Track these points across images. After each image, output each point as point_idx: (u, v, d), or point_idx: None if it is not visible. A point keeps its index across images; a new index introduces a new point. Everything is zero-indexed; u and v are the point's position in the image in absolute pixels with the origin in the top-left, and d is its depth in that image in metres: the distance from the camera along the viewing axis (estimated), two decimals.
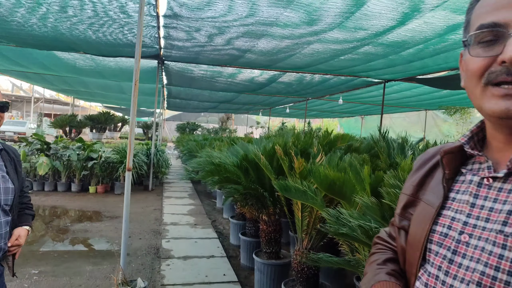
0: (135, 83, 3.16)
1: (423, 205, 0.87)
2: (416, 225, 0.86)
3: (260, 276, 3.59)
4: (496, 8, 0.70)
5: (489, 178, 0.75)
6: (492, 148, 0.79)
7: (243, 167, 3.43)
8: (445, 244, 0.77)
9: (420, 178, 0.91)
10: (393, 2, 3.97)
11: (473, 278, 0.69)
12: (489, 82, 0.70)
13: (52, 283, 3.60)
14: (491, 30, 0.69)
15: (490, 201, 0.73)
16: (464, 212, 0.76)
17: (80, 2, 4.33)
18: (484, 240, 0.70)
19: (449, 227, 0.77)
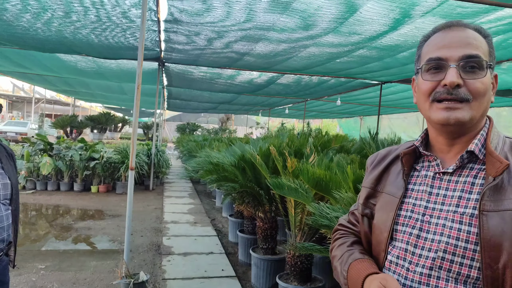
0: (138, 87, 3.33)
1: (385, 196, 1.08)
2: (382, 212, 1.07)
3: (256, 271, 3.76)
4: (439, 48, 0.96)
5: (441, 173, 0.99)
6: (436, 149, 1.05)
7: (240, 166, 3.60)
8: (410, 224, 0.99)
9: (378, 174, 1.14)
10: (384, 8, 4.15)
11: (439, 247, 0.90)
12: (435, 99, 0.96)
13: (59, 276, 3.78)
14: (437, 62, 0.96)
15: (443, 190, 0.97)
16: (423, 199, 0.99)
17: (84, 8, 4.50)
18: (443, 219, 0.93)
19: (412, 211, 1.00)
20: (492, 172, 0.89)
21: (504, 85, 7.71)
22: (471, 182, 0.94)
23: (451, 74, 0.92)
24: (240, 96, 13.24)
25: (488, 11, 4.13)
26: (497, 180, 0.87)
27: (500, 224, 0.84)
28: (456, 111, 0.92)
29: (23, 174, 7.79)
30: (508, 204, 0.85)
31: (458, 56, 0.93)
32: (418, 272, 0.93)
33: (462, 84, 0.92)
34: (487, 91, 0.94)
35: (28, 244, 4.73)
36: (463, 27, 0.98)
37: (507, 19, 4.30)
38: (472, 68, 0.92)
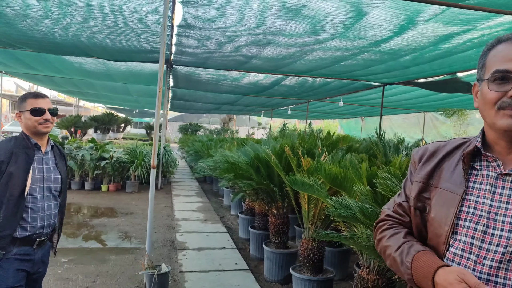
0: (159, 90, 3.54)
1: (442, 192, 1.17)
2: (441, 206, 1.15)
3: (269, 264, 3.98)
4: (507, 60, 1.05)
5: (503, 174, 1.08)
6: (495, 151, 1.14)
7: (254, 165, 3.82)
8: (474, 220, 1.07)
9: (430, 170, 1.23)
10: (390, 15, 4.36)
11: (509, 243, 0.99)
12: (501, 107, 1.05)
13: (82, 269, 3.99)
14: (504, 74, 1.05)
15: (507, 190, 1.06)
16: (487, 197, 1.07)
17: (103, 14, 4.72)
18: (510, 217, 1.02)
19: (475, 208, 1.09)
20: None
21: None
22: None
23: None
24: (244, 97, 13.44)
25: (488, 18, 4.34)
26: None
27: None
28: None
29: None
30: None
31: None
32: (487, 265, 1.02)
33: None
34: None
35: None
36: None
37: (506, 25, 4.51)
38: None
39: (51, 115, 2.21)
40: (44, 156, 2.22)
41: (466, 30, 4.74)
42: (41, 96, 2.22)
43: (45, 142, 2.24)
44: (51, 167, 2.24)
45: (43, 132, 2.18)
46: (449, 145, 1.26)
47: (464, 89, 8.21)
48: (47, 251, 2.31)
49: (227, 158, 4.01)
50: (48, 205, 2.18)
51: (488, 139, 1.16)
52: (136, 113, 30.25)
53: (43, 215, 2.14)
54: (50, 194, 2.20)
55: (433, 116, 16.06)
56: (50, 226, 2.22)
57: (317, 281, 3.20)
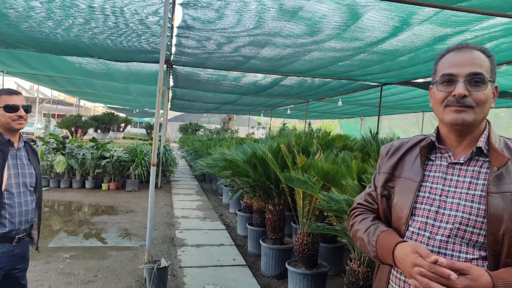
0: (159, 90, 3.65)
1: (403, 180, 1.35)
2: (402, 193, 1.33)
3: (266, 259, 4.08)
4: (451, 66, 1.24)
5: (453, 163, 1.27)
6: (447, 144, 1.33)
7: (252, 163, 3.92)
8: (428, 202, 1.26)
9: (395, 162, 1.42)
10: (385, 17, 4.46)
11: (456, 220, 1.18)
12: (447, 105, 1.24)
13: (84, 265, 4.10)
14: (449, 77, 1.23)
15: (456, 176, 1.25)
16: (439, 183, 1.26)
17: (105, 16, 4.82)
18: (458, 199, 1.21)
19: (429, 193, 1.27)
20: (496, 163, 1.18)
21: (500, 87, 8.02)
22: (478, 171, 1.22)
23: (459, 87, 1.19)
24: (243, 97, 13.54)
25: (481, 20, 4.44)
26: (501, 170, 1.17)
27: (501, 202, 1.14)
28: (463, 113, 1.20)
29: None
30: (507, 188, 1.16)
31: (465, 73, 1.20)
32: (438, 240, 1.20)
33: (468, 95, 1.19)
34: (487, 100, 1.21)
35: (49, 236, 5.05)
36: (471, 49, 1.25)
37: (498, 27, 4.61)
38: (476, 82, 1.19)
39: (25, 112, 2.23)
40: (18, 152, 2.25)
41: (459, 32, 4.84)
42: (15, 93, 2.23)
43: (17, 138, 2.27)
44: (25, 163, 2.28)
45: (17, 129, 2.19)
46: (411, 141, 1.45)
47: None
48: (26, 247, 2.36)
49: (225, 156, 4.11)
50: (25, 201, 2.22)
51: (442, 134, 1.34)
52: (137, 113, 30.36)
53: (21, 210, 2.18)
54: (26, 190, 2.24)
55: (432, 116, 16.15)
56: (28, 222, 2.26)
57: (311, 275, 3.31)
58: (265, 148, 3.72)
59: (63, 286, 3.57)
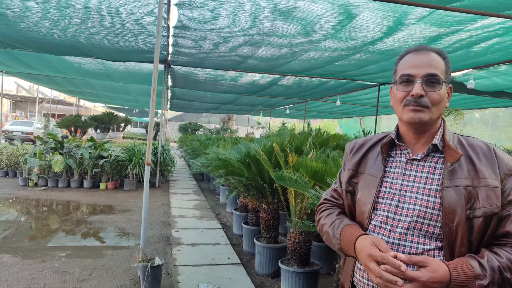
0: (154, 90, 3.67)
1: (366, 176, 1.42)
2: (365, 189, 1.40)
3: (260, 258, 4.11)
4: (410, 67, 1.31)
5: (412, 159, 1.35)
6: (406, 141, 1.41)
7: (245, 162, 3.95)
8: (389, 197, 1.33)
9: (359, 159, 1.48)
10: (379, 17, 4.49)
11: (414, 213, 1.26)
12: (405, 104, 1.31)
13: (79, 263, 4.13)
14: (407, 78, 1.31)
15: (414, 171, 1.33)
16: (399, 178, 1.34)
17: (101, 16, 4.85)
18: (415, 193, 1.28)
19: (390, 188, 1.34)
20: (450, 159, 1.26)
21: (496, 87, 8.05)
22: (434, 166, 1.30)
23: (417, 87, 1.26)
24: (242, 96, 13.58)
25: (474, 20, 4.46)
26: (454, 165, 1.25)
27: (454, 196, 1.22)
28: (420, 112, 1.27)
29: (36, 171, 8.15)
30: (459, 182, 1.24)
31: (422, 74, 1.27)
32: (398, 232, 1.27)
33: (424, 95, 1.26)
34: (442, 100, 1.29)
35: (46, 235, 5.08)
36: (428, 51, 1.32)
37: (492, 27, 4.63)
38: (432, 83, 1.27)
39: None
40: None
41: (454, 32, 4.87)
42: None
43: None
44: None
45: None
46: (374, 138, 1.52)
47: (456, 89, 8.34)
48: None
49: (219, 156, 4.14)
50: None
51: (401, 132, 1.42)
52: (136, 113, 30.43)
53: None
54: None
55: None
56: None
57: (304, 273, 3.33)
58: (258, 148, 3.75)
59: (58, 284, 3.60)
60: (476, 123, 23.84)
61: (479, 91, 8.44)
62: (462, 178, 1.24)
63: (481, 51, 5.63)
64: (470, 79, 7.00)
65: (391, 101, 1.42)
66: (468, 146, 1.32)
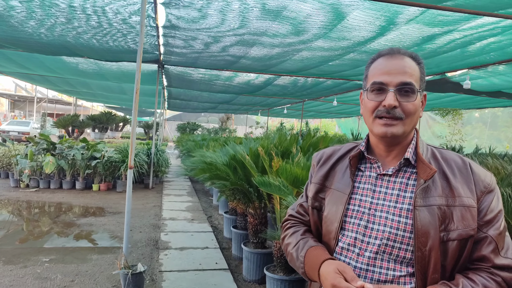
0: (136, 91, 3.57)
1: (334, 192, 1.29)
2: (332, 205, 1.27)
3: (247, 264, 4.01)
4: (382, 73, 1.18)
5: (382, 174, 1.22)
6: (376, 153, 1.28)
7: (232, 165, 3.85)
8: (358, 216, 1.20)
9: (326, 172, 1.35)
10: (370, 16, 4.39)
11: (384, 236, 1.13)
12: (377, 116, 1.18)
13: (62, 269, 4.03)
14: (379, 86, 1.17)
15: (384, 188, 1.20)
16: (369, 195, 1.21)
17: (86, 16, 4.75)
18: (386, 212, 1.16)
19: (359, 205, 1.21)
20: (423, 176, 1.13)
21: (493, 87, 7.94)
22: (405, 183, 1.17)
23: (389, 98, 1.13)
24: (239, 96, 13.48)
25: (468, 19, 4.36)
26: (427, 183, 1.12)
27: (427, 216, 1.09)
28: (392, 127, 1.15)
29: (27, 172, 8.05)
30: (432, 201, 1.11)
31: (396, 82, 1.14)
32: (367, 256, 1.15)
33: (398, 106, 1.13)
34: (416, 111, 1.17)
35: (32, 239, 4.99)
36: (402, 55, 1.19)
37: (486, 26, 4.53)
38: (406, 92, 1.14)
39: None
40: None
41: (447, 31, 4.77)
42: None
43: None
44: None
45: None
46: (343, 149, 1.38)
47: (453, 89, 8.25)
48: None
49: (204, 159, 4.04)
50: None
51: (371, 143, 1.29)
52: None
53: None
54: None
55: (429, 116, 16.07)
56: None
57: (289, 281, 3.23)
58: (243, 151, 3.64)
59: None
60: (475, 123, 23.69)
61: (477, 91, 8.34)
62: (436, 196, 1.12)
63: (477, 51, 5.53)
64: (466, 79, 6.87)
65: (361, 109, 1.29)
66: (443, 160, 1.20)
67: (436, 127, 15.65)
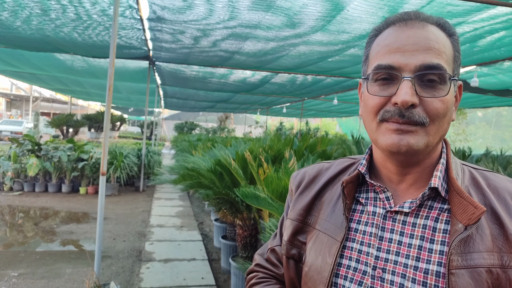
0: (109, 88, 3.17)
1: (320, 234, 0.84)
2: (316, 256, 0.83)
3: (236, 280, 3.60)
4: (392, 51, 0.73)
5: (393, 212, 0.76)
6: (383, 176, 0.81)
7: (217, 171, 3.44)
8: (356, 279, 0.76)
9: (308, 203, 0.90)
10: (372, 6, 3.98)
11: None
12: (384, 119, 0.74)
13: (30, 285, 3.63)
14: (387, 72, 0.73)
15: (397, 234, 0.75)
16: (373, 245, 0.76)
17: (62, 6, 4.34)
18: (401, 276, 0.71)
19: (358, 261, 0.78)
20: (463, 219, 0.69)
21: (501, 85, 7.53)
22: (432, 226, 0.73)
23: (404, 91, 0.70)
24: (236, 95, 13.10)
25: (480, 9, 3.97)
26: (470, 230, 0.68)
27: (470, 285, 0.66)
28: (409, 135, 0.71)
29: (10, 175, 7.65)
30: (478, 259, 0.67)
31: (415, 65, 0.70)
32: None
33: (417, 104, 0.70)
34: (448, 111, 0.73)
35: (2, 248, 4.59)
36: (423, 22, 0.74)
37: (500, 18, 4.13)
38: (432, 82, 0.71)
39: None
40: None
41: (456, 23, 4.36)
42: None
43: None
44: None
45: None
46: (333, 167, 0.92)
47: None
48: None
49: (186, 164, 3.63)
50: None
51: (376, 161, 0.84)
52: (132, 111, 29.92)
53: None
54: None
55: None
56: None
57: None
58: (228, 156, 3.23)
59: None
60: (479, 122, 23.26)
61: (483, 89, 7.93)
62: (484, 252, 0.68)
63: (487, 46, 5.13)
64: (474, 77, 6.47)
65: (360, 109, 0.84)
66: (490, 191, 0.75)
67: None
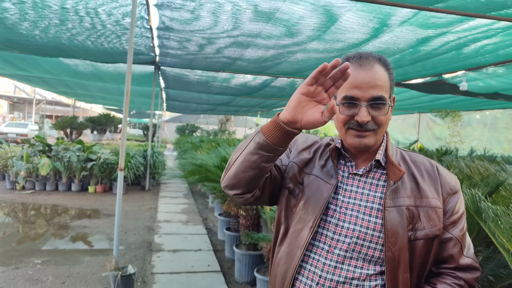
0: (127, 93, 3.57)
1: (315, 179, 1.24)
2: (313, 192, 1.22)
3: (239, 265, 3.99)
4: (352, 87, 1.14)
5: (353, 173, 1.23)
6: (349, 152, 1.27)
7: (222, 167, 3.83)
8: (329, 213, 1.20)
9: (308, 157, 1.32)
10: (363, 18, 4.38)
11: (354, 234, 1.15)
12: (349, 128, 1.17)
13: (54, 270, 4.02)
14: (350, 101, 1.15)
15: (355, 187, 1.21)
16: (340, 194, 1.21)
17: (79, 17, 4.74)
18: (356, 211, 1.17)
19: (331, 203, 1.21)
20: (393, 177, 1.16)
21: (490, 89, 7.92)
22: (376, 183, 1.19)
23: (362, 114, 1.11)
24: (237, 98, 13.47)
25: (461, 21, 4.35)
26: (396, 184, 1.15)
27: (396, 217, 1.12)
28: (365, 138, 1.15)
29: (22, 174, 8.04)
30: (401, 201, 1.14)
31: (368, 97, 1.12)
32: (336, 254, 1.15)
33: (370, 119, 1.13)
34: (387, 120, 1.18)
35: (26, 241, 4.97)
36: (372, 61, 1.15)
37: (480, 28, 4.51)
38: (378, 105, 1.13)
39: None
40: None
41: (441, 33, 4.75)
42: None
43: None
44: None
45: None
46: (323, 141, 1.37)
47: (450, 90, 8.23)
48: None
49: (194, 161, 4.03)
50: None
51: (345, 144, 1.27)
52: (134, 114, 30.29)
53: None
54: None
55: (429, 118, 16.05)
56: None
57: None
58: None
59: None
60: (475, 124, 23.65)
61: (474, 93, 8.32)
62: (405, 197, 1.15)
63: (472, 53, 5.52)
64: (463, 81, 6.87)
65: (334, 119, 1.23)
66: (412, 163, 1.24)
67: (436, 129, 15.63)
